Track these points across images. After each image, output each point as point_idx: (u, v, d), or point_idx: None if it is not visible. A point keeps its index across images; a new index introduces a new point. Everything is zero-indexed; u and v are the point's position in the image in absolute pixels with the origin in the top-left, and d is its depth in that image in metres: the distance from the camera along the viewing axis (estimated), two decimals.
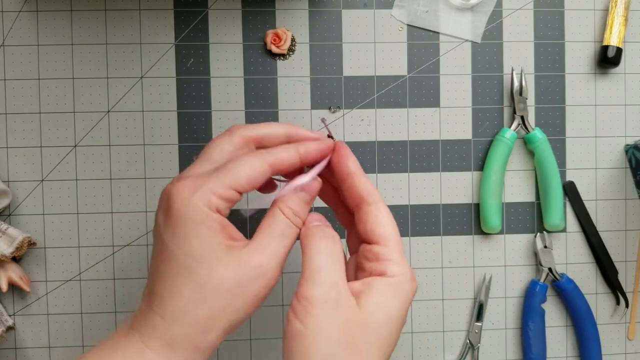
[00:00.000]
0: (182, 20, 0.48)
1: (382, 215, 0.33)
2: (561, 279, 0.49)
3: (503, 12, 0.49)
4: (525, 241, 0.50)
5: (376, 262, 0.33)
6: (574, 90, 0.50)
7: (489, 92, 0.49)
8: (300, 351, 0.29)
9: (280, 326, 0.49)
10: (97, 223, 0.47)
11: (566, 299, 0.49)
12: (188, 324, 0.30)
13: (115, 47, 0.47)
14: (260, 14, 0.48)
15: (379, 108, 0.49)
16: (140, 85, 0.47)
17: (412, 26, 0.49)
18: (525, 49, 0.49)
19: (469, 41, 0.49)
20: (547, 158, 0.48)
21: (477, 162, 0.49)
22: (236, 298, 0.30)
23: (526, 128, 0.49)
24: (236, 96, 0.48)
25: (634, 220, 0.50)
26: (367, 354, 0.30)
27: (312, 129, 0.48)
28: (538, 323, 0.49)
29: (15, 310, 0.47)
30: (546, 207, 0.49)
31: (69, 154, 0.47)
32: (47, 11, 0.47)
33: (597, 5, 0.50)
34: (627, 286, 0.50)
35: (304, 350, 0.29)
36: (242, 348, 0.49)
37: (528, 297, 0.49)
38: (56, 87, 0.47)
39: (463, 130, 0.49)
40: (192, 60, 0.48)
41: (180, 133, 0.48)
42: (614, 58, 0.48)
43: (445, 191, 0.49)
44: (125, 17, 0.47)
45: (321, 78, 0.48)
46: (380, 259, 0.32)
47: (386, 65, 0.49)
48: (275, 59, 0.48)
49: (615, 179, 0.50)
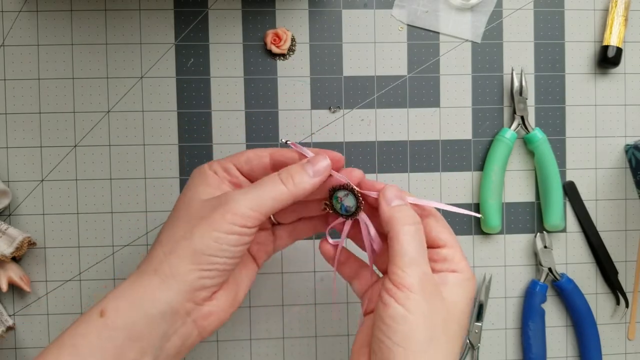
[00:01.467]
0: (182, 20, 0.48)
1: (443, 223, 0.37)
2: (561, 279, 0.49)
3: (503, 12, 0.49)
4: (525, 241, 0.50)
5: (445, 263, 0.35)
6: (574, 90, 0.50)
7: (489, 92, 0.49)
8: (407, 333, 0.32)
9: (280, 326, 0.49)
10: (97, 223, 0.47)
11: (566, 299, 0.49)
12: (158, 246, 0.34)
13: (115, 47, 0.47)
14: (260, 14, 0.48)
15: (379, 108, 0.49)
16: (140, 85, 0.47)
17: (412, 26, 0.49)
18: (525, 49, 0.49)
19: (469, 41, 0.49)
20: (547, 158, 0.48)
21: (477, 162, 0.49)
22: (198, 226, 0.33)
23: (526, 128, 0.49)
24: (236, 96, 0.48)
25: (634, 220, 0.50)
26: (455, 339, 0.34)
27: (312, 128, 0.48)
28: (538, 323, 0.49)
29: (15, 310, 0.47)
30: (546, 207, 0.49)
31: (69, 154, 0.47)
32: (47, 11, 0.47)
33: (597, 5, 0.50)
34: (627, 286, 0.50)
35: (410, 333, 0.32)
36: (242, 348, 0.49)
37: (528, 297, 0.49)
38: (56, 87, 0.47)
39: (463, 130, 0.49)
40: (192, 60, 0.48)
41: (180, 133, 0.48)
42: (614, 58, 0.48)
43: (445, 191, 0.49)
44: (125, 17, 0.47)
45: (321, 78, 0.48)
46: (449, 260, 0.35)
47: (386, 65, 0.49)
48: (275, 59, 0.48)
49: (615, 179, 0.50)
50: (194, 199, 0.36)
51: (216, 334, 0.48)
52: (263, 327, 0.49)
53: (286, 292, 0.49)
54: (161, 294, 0.32)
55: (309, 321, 0.49)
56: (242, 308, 0.48)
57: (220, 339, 0.48)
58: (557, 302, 0.50)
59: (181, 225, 0.34)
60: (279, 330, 0.49)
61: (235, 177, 0.37)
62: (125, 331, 0.32)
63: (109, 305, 0.32)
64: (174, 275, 0.32)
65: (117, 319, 0.32)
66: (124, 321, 0.32)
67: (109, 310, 0.32)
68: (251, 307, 0.49)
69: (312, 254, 0.49)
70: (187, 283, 0.33)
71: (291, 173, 0.35)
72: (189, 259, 0.32)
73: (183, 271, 0.32)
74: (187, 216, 0.35)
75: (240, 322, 0.48)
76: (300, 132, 0.48)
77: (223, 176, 0.37)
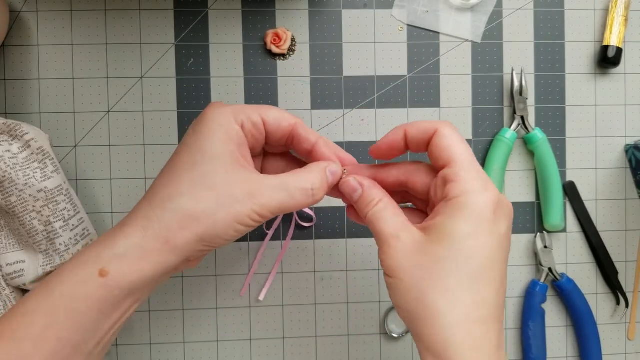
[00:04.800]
0: (182, 20, 0.48)
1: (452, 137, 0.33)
2: (561, 279, 0.49)
3: (503, 12, 0.49)
4: (525, 241, 0.50)
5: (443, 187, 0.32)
6: (574, 90, 0.50)
7: (489, 92, 0.49)
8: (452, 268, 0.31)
9: (280, 326, 0.49)
10: (97, 223, 0.47)
11: (566, 299, 0.49)
12: (169, 211, 0.31)
13: (115, 47, 0.47)
14: (260, 14, 0.48)
15: (379, 108, 0.49)
16: (140, 85, 0.47)
17: (412, 26, 0.49)
18: (525, 49, 0.49)
19: (469, 41, 0.49)
20: (547, 158, 0.48)
21: (478, 162, 0.49)
22: (220, 210, 0.31)
23: (526, 128, 0.49)
24: (236, 96, 0.48)
25: (634, 220, 0.50)
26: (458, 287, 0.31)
27: (312, 128, 0.48)
28: (538, 323, 0.49)
29: None
30: (546, 207, 0.49)
31: (69, 154, 0.47)
32: (47, 11, 0.47)
33: (597, 5, 0.50)
34: (627, 286, 0.50)
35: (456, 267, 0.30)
36: (242, 348, 0.49)
37: (528, 297, 0.49)
38: (56, 87, 0.47)
39: (463, 130, 0.49)
40: (192, 60, 0.48)
41: (181, 133, 0.48)
42: (614, 58, 0.48)
43: None
44: (125, 17, 0.47)
45: (321, 78, 0.48)
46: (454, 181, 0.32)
47: (386, 65, 0.49)
48: (276, 59, 0.48)
49: (615, 179, 0.50)
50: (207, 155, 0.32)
51: (216, 334, 0.48)
52: (263, 327, 0.49)
53: (286, 292, 0.49)
54: (163, 260, 0.32)
55: (309, 321, 0.49)
56: (242, 308, 0.49)
57: (220, 339, 0.48)
58: (557, 302, 0.50)
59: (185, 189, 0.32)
60: (279, 330, 0.49)
61: (260, 134, 0.35)
62: (126, 290, 0.31)
63: (112, 267, 0.31)
64: (178, 248, 0.31)
65: (122, 281, 0.31)
66: (127, 283, 0.31)
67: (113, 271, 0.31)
68: (251, 307, 0.49)
69: (312, 254, 0.49)
70: (190, 253, 0.32)
71: (319, 187, 0.34)
72: (198, 236, 0.31)
73: (189, 247, 0.32)
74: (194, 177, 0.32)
75: (240, 322, 0.49)
76: None
77: (249, 131, 0.34)
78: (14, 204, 0.40)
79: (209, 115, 0.33)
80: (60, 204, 0.42)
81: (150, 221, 0.31)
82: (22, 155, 0.41)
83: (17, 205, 0.40)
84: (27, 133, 0.41)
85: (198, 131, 0.33)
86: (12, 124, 0.41)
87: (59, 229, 0.41)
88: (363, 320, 0.49)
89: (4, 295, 0.42)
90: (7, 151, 0.40)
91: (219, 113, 0.33)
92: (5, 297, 0.42)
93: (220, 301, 0.48)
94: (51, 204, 0.41)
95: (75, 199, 0.43)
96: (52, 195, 0.41)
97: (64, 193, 0.42)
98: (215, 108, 0.34)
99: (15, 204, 0.40)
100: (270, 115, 0.34)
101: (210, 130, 0.33)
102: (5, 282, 0.42)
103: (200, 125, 0.33)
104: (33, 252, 0.42)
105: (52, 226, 0.41)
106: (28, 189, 0.40)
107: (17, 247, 0.42)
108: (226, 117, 0.33)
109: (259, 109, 0.34)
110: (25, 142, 0.41)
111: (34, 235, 0.41)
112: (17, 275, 0.42)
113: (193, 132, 0.33)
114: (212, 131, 0.32)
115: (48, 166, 0.41)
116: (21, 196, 0.40)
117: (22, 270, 0.42)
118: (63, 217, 0.42)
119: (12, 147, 0.40)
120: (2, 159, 0.40)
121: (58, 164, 0.42)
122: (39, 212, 0.41)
